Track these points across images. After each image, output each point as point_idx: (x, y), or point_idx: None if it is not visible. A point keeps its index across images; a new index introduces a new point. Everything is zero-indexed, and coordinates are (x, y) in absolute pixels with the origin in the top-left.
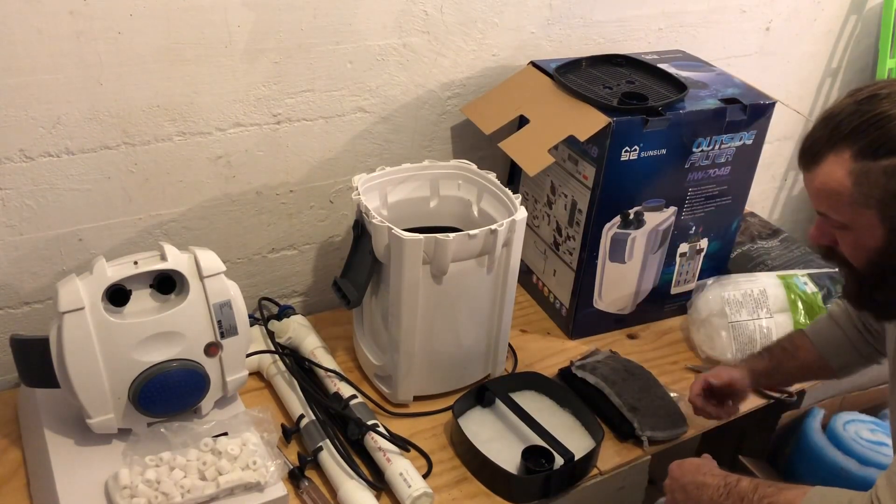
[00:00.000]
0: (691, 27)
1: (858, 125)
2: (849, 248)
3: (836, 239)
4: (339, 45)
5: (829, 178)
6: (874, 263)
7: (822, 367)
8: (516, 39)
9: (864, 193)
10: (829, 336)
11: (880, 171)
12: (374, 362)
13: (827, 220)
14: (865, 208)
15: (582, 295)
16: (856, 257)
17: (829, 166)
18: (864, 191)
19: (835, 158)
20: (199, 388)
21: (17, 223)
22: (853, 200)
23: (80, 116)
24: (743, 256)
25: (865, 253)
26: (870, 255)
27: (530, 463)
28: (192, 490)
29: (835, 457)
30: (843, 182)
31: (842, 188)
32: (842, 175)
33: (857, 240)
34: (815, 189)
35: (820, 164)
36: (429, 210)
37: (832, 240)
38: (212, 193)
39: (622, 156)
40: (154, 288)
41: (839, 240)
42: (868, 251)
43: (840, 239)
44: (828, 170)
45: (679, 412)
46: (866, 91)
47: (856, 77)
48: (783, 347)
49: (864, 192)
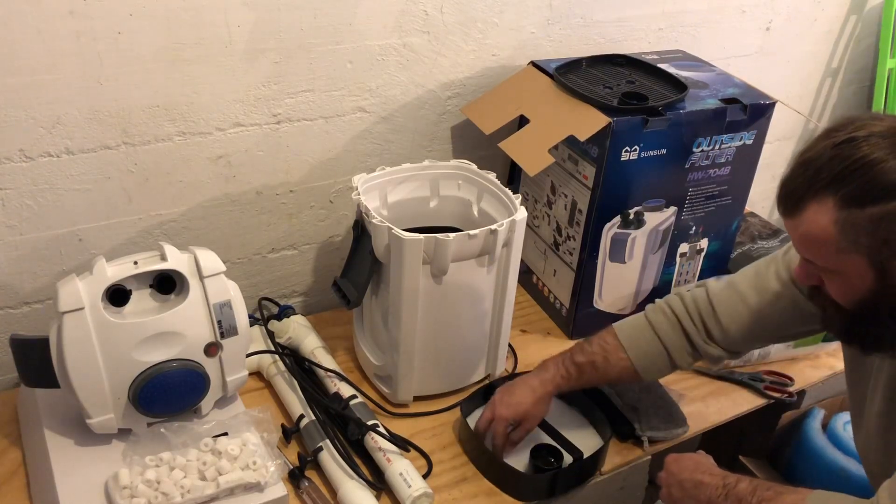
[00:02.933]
0: (691, 27)
1: (840, 171)
2: (837, 290)
3: (823, 280)
4: (339, 45)
5: (813, 227)
6: (866, 302)
7: (632, 377)
8: (516, 39)
9: (851, 241)
10: (647, 350)
11: (867, 219)
12: (374, 362)
13: (812, 264)
14: (852, 254)
15: (582, 295)
16: (845, 299)
17: (811, 214)
18: (851, 238)
19: (817, 207)
20: (199, 388)
21: (17, 223)
22: (839, 248)
23: (80, 116)
24: (743, 256)
25: (855, 294)
26: (860, 296)
27: (539, 461)
28: (192, 490)
29: (835, 457)
30: (828, 230)
31: (827, 236)
32: (826, 223)
33: (846, 283)
34: (798, 237)
35: (803, 211)
36: (429, 210)
37: (818, 280)
38: (212, 193)
39: (622, 156)
40: (154, 288)
41: (826, 281)
42: (857, 292)
43: (827, 281)
44: (811, 218)
45: (679, 412)
46: (843, 133)
47: (856, 77)
48: (594, 363)
49: (851, 239)
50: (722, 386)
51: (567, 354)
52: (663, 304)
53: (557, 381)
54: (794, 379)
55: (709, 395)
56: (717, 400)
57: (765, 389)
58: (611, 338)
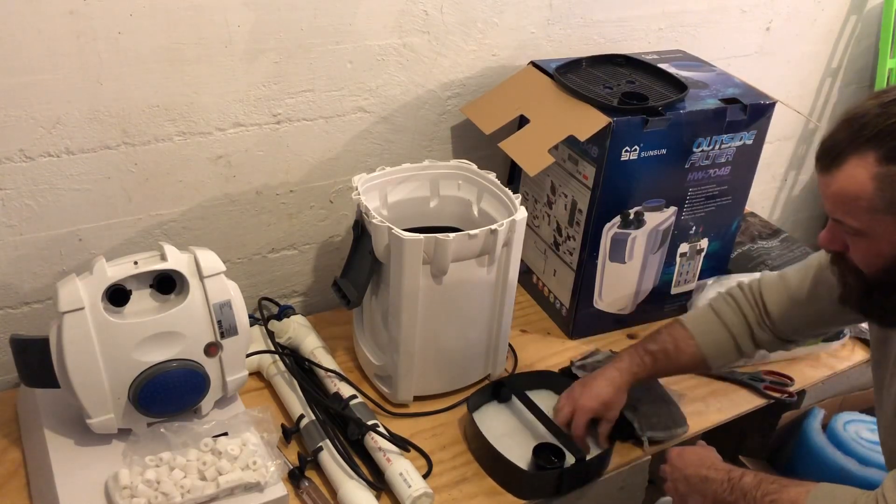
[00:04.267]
0: (691, 27)
1: (885, 128)
2: (861, 255)
3: (848, 244)
4: (339, 45)
5: (849, 182)
6: (888, 270)
7: (700, 366)
8: (516, 39)
9: (887, 199)
10: (715, 337)
11: None
12: (374, 362)
13: (841, 225)
14: (885, 214)
15: (582, 295)
16: (868, 264)
17: (850, 169)
18: (887, 196)
19: (858, 161)
20: (199, 388)
21: (17, 223)
22: (872, 206)
23: (80, 116)
24: (743, 256)
25: (880, 260)
26: (885, 263)
27: (541, 460)
28: (192, 490)
29: (835, 457)
30: (865, 186)
31: (862, 192)
32: (864, 179)
33: (872, 247)
34: (832, 193)
35: (841, 166)
36: (429, 210)
37: (843, 245)
38: (212, 193)
39: (622, 156)
40: (154, 288)
41: (851, 245)
42: (883, 258)
43: (853, 244)
44: (849, 173)
45: (679, 412)
46: (893, 93)
47: (856, 77)
48: (666, 350)
49: (887, 197)
50: (722, 386)
51: (640, 345)
52: (725, 293)
53: (634, 369)
54: (794, 379)
55: (709, 395)
56: (717, 400)
57: (765, 389)
58: (679, 327)
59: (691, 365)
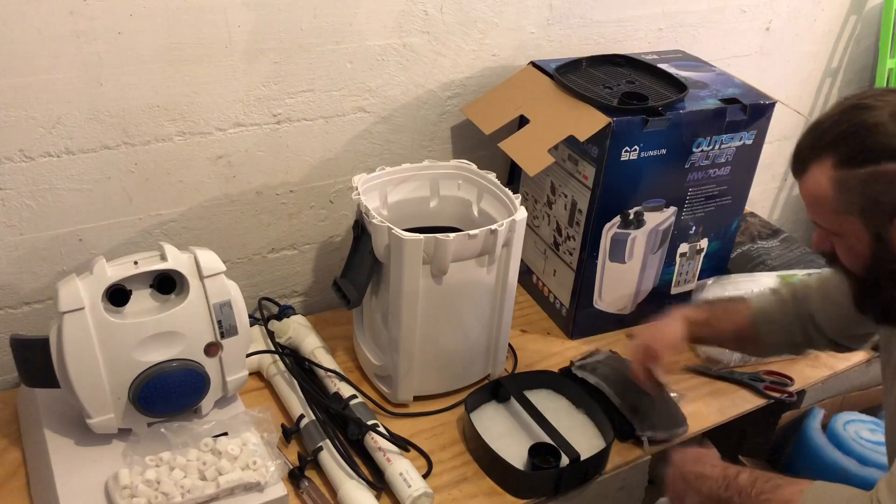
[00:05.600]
0: (691, 27)
1: (841, 133)
2: (844, 255)
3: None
4: (339, 45)
5: (815, 186)
6: (868, 268)
7: (753, 339)
8: (516, 39)
9: (846, 201)
10: (768, 311)
11: (859, 180)
12: (374, 362)
13: (822, 228)
14: (849, 215)
15: (582, 295)
16: (851, 263)
17: (813, 174)
18: (846, 198)
19: (818, 167)
20: (199, 388)
21: (17, 223)
22: (836, 208)
23: (80, 116)
24: (743, 256)
25: (860, 259)
26: (864, 261)
27: (536, 460)
28: (192, 490)
29: (835, 457)
30: (826, 190)
31: (825, 196)
32: (825, 182)
33: (849, 246)
34: (804, 197)
35: (805, 172)
36: (429, 210)
37: (831, 246)
38: (212, 193)
39: (622, 156)
40: (154, 288)
41: (836, 246)
42: (861, 257)
43: (836, 245)
44: (814, 178)
45: (679, 412)
46: (852, 100)
47: (856, 77)
48: (724, 307)
49: (846, 199)
50: (722, 386)
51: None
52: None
53: (687, 312)
54: (793, 379)
55: (709, 395)
56: (717, 400)
57: (765, 389)
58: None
59: (744, 329)
